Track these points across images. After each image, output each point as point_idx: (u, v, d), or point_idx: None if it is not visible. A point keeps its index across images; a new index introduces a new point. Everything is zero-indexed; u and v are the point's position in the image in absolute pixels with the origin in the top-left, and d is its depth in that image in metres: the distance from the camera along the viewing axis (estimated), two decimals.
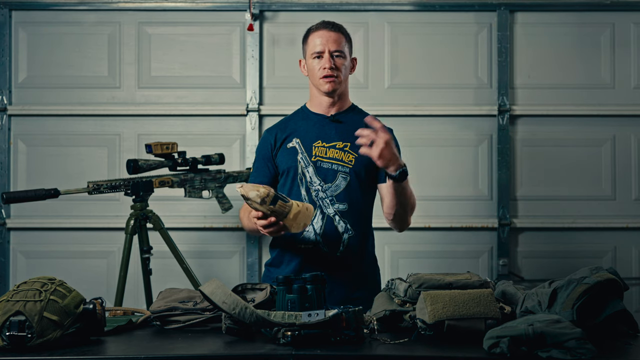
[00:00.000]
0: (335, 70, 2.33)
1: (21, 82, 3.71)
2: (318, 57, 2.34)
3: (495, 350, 1.58)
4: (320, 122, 2.40)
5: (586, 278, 1.75)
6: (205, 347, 1.72)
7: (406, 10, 3.72)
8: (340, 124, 2.39)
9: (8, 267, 3.68)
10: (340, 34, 2.38)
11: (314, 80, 2.38)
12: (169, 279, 3.42)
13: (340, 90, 2.38)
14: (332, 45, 2.34)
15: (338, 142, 2.37)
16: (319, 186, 2.33)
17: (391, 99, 3.70)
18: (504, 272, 3.64)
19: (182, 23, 3.72)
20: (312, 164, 2.35)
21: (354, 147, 2.33)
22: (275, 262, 2.39)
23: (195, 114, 3.69)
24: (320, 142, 2.37)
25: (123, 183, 2.88)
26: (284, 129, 2.43)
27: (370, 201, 2.43)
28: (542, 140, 3.71)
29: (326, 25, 2.38)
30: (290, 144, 2.39)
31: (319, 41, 2.35)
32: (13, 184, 3.69)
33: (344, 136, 2.37)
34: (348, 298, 2.25)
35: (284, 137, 2.40)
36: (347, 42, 2.40)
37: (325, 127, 2.39)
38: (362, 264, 2.38)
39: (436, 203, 3.69)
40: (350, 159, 2.35)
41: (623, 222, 3.70)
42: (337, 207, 2.33)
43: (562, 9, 3.71)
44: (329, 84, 2.34)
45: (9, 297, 1.69)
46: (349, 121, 2.40)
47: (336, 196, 2.34)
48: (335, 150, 2.36)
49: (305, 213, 2.13)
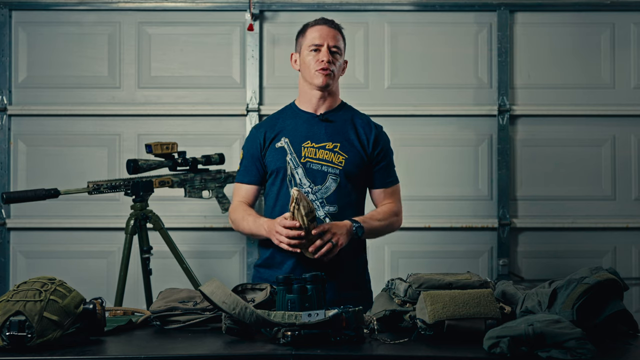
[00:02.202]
0: (331, 65, 2.33)
1: (21, 82, 3.71)
2: (315, 50, 2.34)
3: (495, 350, 1.58)
4: (309, 121, 2.38)
5: (586, 278, 1.75)
6: (205, 347, 1.72)
7: (406, 10, 3.72)
8: (330, 124, 2.38)
9: (8, 267, 3.68)
10: (338, 32, 2.39)
11: (308, 73, 2.36)
12: (169, 279, 3.41)
13: (332, 87, 2.37)
14: (330, 41, 2.34)
15: (328, 142, 2.36)
16: (309, 188, 2.32)
17: (391, 99, 3.70)
18: (504, 272, 3.64)
19: (182, 23, 3.72)
20: (301, 165, 2.33)
21: (343, 148, 2.34)
22: (266, 264, 2.38)
23: (195, 114, 3.69)
24: (310, 142, 2.35)
25: (123, 183, 2.88)
26: (273, 127, 2.40)
27: (361, 202, 2.42)
28: (542, 140, 3.71)
29: (326, 21, 2.40)
30: (279, 144, 2.36)
31: (317, 35, 2.35)
32: (13, 184, 3.69)
33: (333, 136, 2.36)
34: (339, 299, 2.24)
35: (272, 136, 2.38)
36: (343, 41, 2.41)
37: (314, 127, 2.37)
38: (353, 265, 2.38)
39: (436, 203, 3.69)
40: (341, 160, 2.34)
41: (623, 222, 3.70)
42: (327, 210, 2.32)
43: (562, 9, 3.71)
44: (323, 78, 2.32)
45: (9, 297, 1.69)
46: (339, 120, 2.39)
47: (326, 198, 2.33)
48: (325, 151, 2.34)
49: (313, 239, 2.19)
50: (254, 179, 2.41)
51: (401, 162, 3.64)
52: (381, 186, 2.41)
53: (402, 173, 3.85)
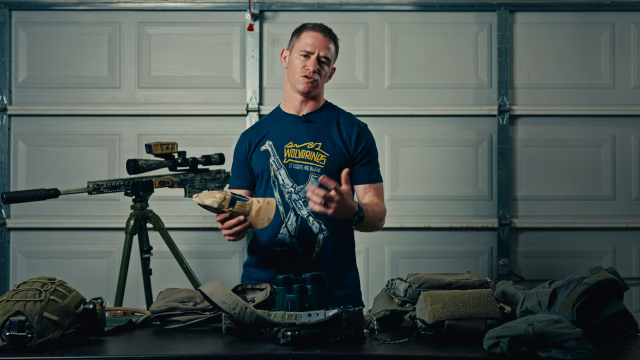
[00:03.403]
0: (315, 75, 2.34)
1: (21, 82, 3.71)
2: (305, 56, 2.35)
3: (495, 350, 1.58)
4: (292, 123, 2.40)
5: (586, 278, 1.75)
6: (205, 347, 1.72)
7: (406, 10, 3.72)
8: (312, 124, 2.39)
9: (8, 267, 3.68)
10: (332, 42, 2.39)
11: (292, 75, 2.37)
12: (169, 279, 3.41)
13: (315, 93, 2.39)
14: (322, 51, 2.35)
15: (309, 142, 2.36)
16: (292, 188, 2.33)
17: (391, 99, 3.70)
18: (504, 272, 3.64)
19: (182, 23, 3.72)
20: (284, 166, 2.35)
21: (325, 147, 2.35)
22: (254, 264, 2.41)
23: (195, 114, 3.70)
24: (292, 143, 2.36)
25: (123, 183, 2.88)
26: (258, 131, 2.44)
27: None
28: (542, 140, 3.71)
29: (323, 29, 2.39)
30: (264, 147, 2.39)
31: (311, 41, 2.35)
32: (13, 184, 3.69)
33: (315, 136, 2.37)
34: (329, 297, 2.25)
35: (257, 140, 2.41)
36: (335, 51, 2.42)
37: (296, 128, 2.39)
38: (340, 262, 2.37)
39: (436, 203, 3.69)
40: (322, 159, 2.34)
41: (623, 222, 3.70)
42: (310, 208, 2.30)
43: (562, 9, 3.71)
44: (305, 85, 2.34)
45: (9, 297, 1.69)
46: (321, 120, 2.40)
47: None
48: (307, 150, 2.35)
49: (266, 207, 2.17)
50: (243, 183, 2.43)
51: (401, 162, 3.67)
52: (365, 182, 2.40)
53: (402, 173, 3.86)
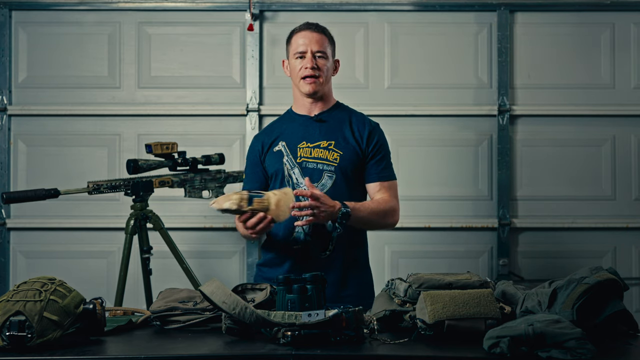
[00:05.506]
0: (317, 71, 2.35)
1: (21, 82, 3.71)
2: (300, 57, 2.37)
3: (495, 350, 1.58)
4: (304, 123, 2.42)
5: (586, 278, 1.75)
6: (205, 347, 1.72)
7: (406, 10, 3.72)
8: (324, 123, 2.41)
9: (8, 267, 3.68)
10: (322, 35, 2.40)
11: (296, 80, 2.40)
12: (169, 279, 3.41)
13: (322, 92, 2.41)
14: (314, 46, 2.36)
15: (322, 141, 2.38)
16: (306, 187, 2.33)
17: (391, 99, 3.70)
18: (504, 272, 3.64)
19: (182, 23, 3.72)
20: (297, 166, 2.36)
21: (338, 145, 2.37)
22: (268, 263, 2.42)
23: (195, 114, 3.70)
24: (305, 142, 2.39)
25: (123, 183, 2.88)
26: (270, 133, 2.47)
27: (358, 197, 2.41)
28: (542, 140, 3.71)
29: (309, 26, 2.41)
30: (277, 148, 2.41)
31: (301, 41, 2.38)
32: (13, 184, 3.69)
33: (327, 135, 2.39)
34: (339, 296, 2.26)
35: (270, 142, 2.43)
36: (329, 43, 2.42)
37: (309, 128, 2.41)
38: (353, 261, 2.39)
39: (436, 203, 3.69)
40: (335, 157, 2.36)
41: (623, 222, 3.70)
42: None
43: (562, 9, 3.71)
44: (310, 85, 2.36)
45: (9, 297, 1.69)
46: (333, 119, 2.42)
47: None
48: (320, 149, 2.37)
49: (284, 198, 2.18)
50: (256, 185, 2.45)
51: (401, 162, 3.66)
52: (377, 179, 2.40)
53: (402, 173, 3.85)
